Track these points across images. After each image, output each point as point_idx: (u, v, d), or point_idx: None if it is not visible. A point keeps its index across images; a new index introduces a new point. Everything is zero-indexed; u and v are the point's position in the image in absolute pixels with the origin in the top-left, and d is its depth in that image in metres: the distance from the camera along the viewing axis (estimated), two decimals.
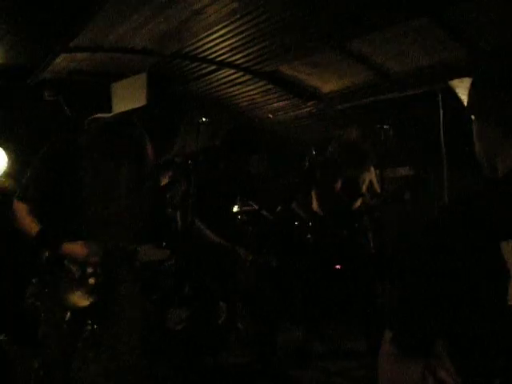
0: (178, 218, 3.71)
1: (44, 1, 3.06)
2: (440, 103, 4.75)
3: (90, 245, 2.61)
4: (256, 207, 4.59)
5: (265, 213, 4.45)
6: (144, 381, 3.00)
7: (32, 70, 4.36)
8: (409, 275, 1.24)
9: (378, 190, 4.73)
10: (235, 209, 4.48)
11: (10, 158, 4.63)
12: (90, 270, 2.61)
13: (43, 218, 2.60)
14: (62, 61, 4.57)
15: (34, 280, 2.69)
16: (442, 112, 4.77)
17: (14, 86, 4.55)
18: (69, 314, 2.60)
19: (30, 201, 2.61)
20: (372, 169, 4.87)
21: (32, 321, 2.71)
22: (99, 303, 2.71)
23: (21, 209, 2.60)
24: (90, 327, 3.80)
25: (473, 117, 1.41)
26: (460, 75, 4.59)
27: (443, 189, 4.82)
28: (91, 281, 2.62)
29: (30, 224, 2.57)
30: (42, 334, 2.66)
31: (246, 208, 4.83)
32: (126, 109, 5.40)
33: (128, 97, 5.32)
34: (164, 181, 4.79)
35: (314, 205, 4.76)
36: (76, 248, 2.58)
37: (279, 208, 4.48)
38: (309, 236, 4.58)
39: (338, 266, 4.46)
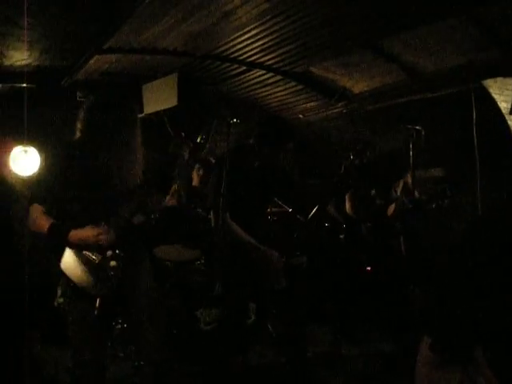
0: (211, 217, 3.72)
1: (78, 4, 3.10)
2: (473, 103, 4.68)
3: (98, 225, 2.68)
4: (287, 209, 4.59)
5: (297, 215, 4.44)
6: (172, 379, 3.01)
7: (66, 71, 4.43)
8: (446, 280, 1.22)
9: (414, 193, 4.67)
10: (267, 210, 4.48)
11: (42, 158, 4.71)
12: (109, 253, 2.68)
13: (56, 215, 2.68)
14: (94, 62, 4.63)
15: (62, 279, 2.74)
16: (475, 112, 4.70)
17: (48, 88, 4.63)
18: (97, 304, 2.64)
19: (43, 202, 2.69)
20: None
21: (63, 320, 2.76)
22: (123, 296, 2.77)
23: (35, 211, 2.69)
24: (119, 326, 3.86)
25: None
26: (494, 75, 4.52)
27: (476, 190, 4.75)
28: (112, 263, 2.68)
29: (43, 222, 2.66)
30: (73, 334, 2.71)
31: (277, 209, 4.83)
32: (157, 109, 5.48)
33: (159, 97, 5.40)
34: (196, 180, 4.83)
35: (348, 208, 4.74)
36: (85, 231, 2.65)
37: (314, 210, 4.46)
38: (341, 236, 4.56)
39: (368, 268, 4.43)
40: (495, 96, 4.80)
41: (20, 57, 4.12)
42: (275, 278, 3.66)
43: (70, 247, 2.67)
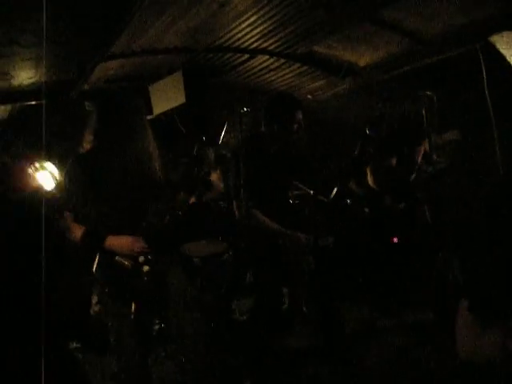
0: (235, 209, 3.73)
1: (76, 17, 3.12)
2: (482, 61, 4.62)
3: (134, 237, 2.72)
4: (308, 191, 4.59)
5: (319, 196, 4.44)
6: (215, 371, 3.06)
7: (73, 83, 4.46)
8: (477, 243, 1.22)
9: (435, 158, 4.64)
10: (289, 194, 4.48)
11: (60, 170, 4.76)
12: (141, 259, 2.73)
13: (87, 222, 2.72)
14: (98, 71, 4.65)
15: (97, 288, 2.79)
16: (484, 70, 4.64)
17: (58, 101, 4.67)
18: (133, 309, 2.69)
19: (73, 210, 2.74)
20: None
21: (101, 328, 2.80)
22: (158, 297, 2.82)
23: (66, 219, 2.74)
24: (157, 326, 3.92)
25: None
26: (499, 30, 4.45)
27: (495, 149, 4.70)
28: (145, 268, 2.73)
29: (75, 230, 2.70)
30: (114, 339, 2.76)
31: (298, 192, 4.83)
32: (167, 109, 5.49)
33: (167, 97, 5.41)
34: (214, 176, 4.85)
35: (370, 181, 4.72)
36: (120, 239, 2.69)
37: (335, 190, 4.45)
38: (366, 210, 4.55)
39: (395, 240, 4.42)
40: (503, 51, 4.72)
41: (27, 75, 4.16)
42: (304, 260, 3.67)
43: (103, 254, 2.71)
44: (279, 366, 3.66)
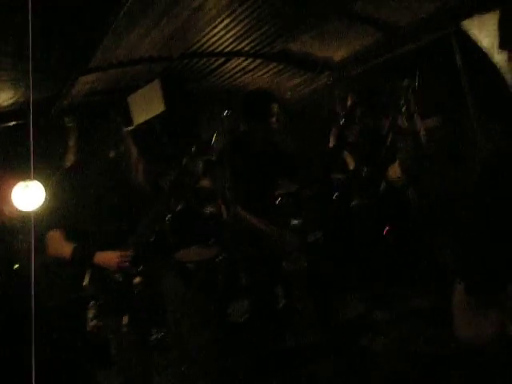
0: (223, 211, 3.75)
1: (52, 37, 3.12)
2: (455, 47, 4.67)
3: (120, 248, 2.73)
4: (294, 187, 4.61)
5: (305, 191, 4.46)
6: (217, 374, 3.07)
7: (53, 100, 4.46)
8: (468, 225, 1.23)
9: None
10: (275, 192, 4.50)
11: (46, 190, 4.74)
12: (132, 271, 2.74)
13: (75, 239, 2.72)
14: (75, 86, 4.64)
15: (91, 303, 2.79)
16: (458, 55, 4.70)
17: (39, 119, 4.65)
18: (126, 321, 2.70)
19: (62, 227, 2.73)
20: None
21: (99, 342, 2.81)
22: (154, 307, 2.82)
23: (55, 237, 2.73)
24: (155, 336, 3.91)
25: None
26: (470, 15, 4.50)
27: (475, 132, 4.76)
28: (137, 280, 2.74)
29: (64, 247, 2.70)
30: (116, 352, 2.76)
31: (284, 189, 4.85)
32: (147, 118, 5.48)
33: (146, 106, 5.40)
34: (205, 182, 4.85)
35: (350, 164, 4.76)
36: (108, 254, 2.70)
37: (318, 183, 4.48)
38: (353, 203, 4.58)
39: (386, 228, 4.45)
40: (476, 35, 4.78)
41: (6, 96, 4.14)
42: (294, 257, 3.69)
43: (93, 269, 2.71)
44: (281, 366, 3.67)
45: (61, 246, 2.73)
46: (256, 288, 3.70)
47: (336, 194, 4.82)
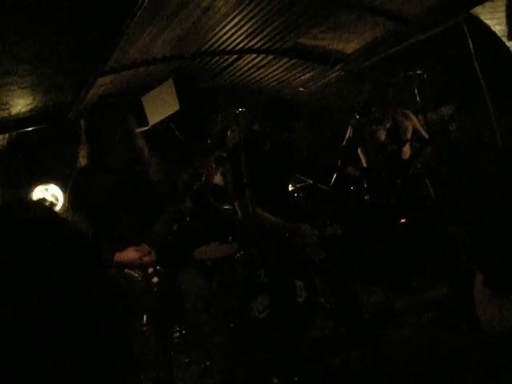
0: (237, 209, 3.76)
1: (66, 42, 3.16)
2: (467, 34, 4.64)
3: (141, 247, 2.76)
4: (309, 182, 4.62)
5: (320, 185, 4.46)
6: (240, 370, 3.09)
7: (70, 104, 4.51)
8: (486, 214, 1.22)
9: (426, 135, 4.67)
10: (290, 187, 4.51)
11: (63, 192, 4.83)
12: (150, 270, 2.77)
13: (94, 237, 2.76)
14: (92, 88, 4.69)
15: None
16: (471, 42, 4.66)
17: (57, 124, 4.72)
18: (145, 320, 2.73)
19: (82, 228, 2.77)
20: (411, 115, 4.82)
21: (122, 342, 2.83)
22: (174, 305, 2.86)
23: None
24: (178, 333, 3.95)
25: None
26: (481, 1, 4.47)
27: (490, 118, 4.73)
28: (155, 279, 2.77)
29: None
30: (139, 351, 2.80)
31: (299, 184, 4.86)
32: (161, 118, 5.52)
33: (160, 106, 5.44)
34: (217, 178, 4.89)
35: (364, 161, 4.75)
36: (129, 254, 2.73)
37: (334, 177, 4.47)
38: (366, 197, 4.58)
39: (403, 220, 4.44)
40: (487, 21, 4.75)
41: (25, 103, 4.20)
42: (312, 251, 3.70)
43: (113, 268, 2.75)
44: (304, 359, 3.69)
45: None
46: (276, 283, 3.72)
47: (351, 187, 4.83)
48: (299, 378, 3.33)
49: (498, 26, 4.72)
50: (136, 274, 2.75)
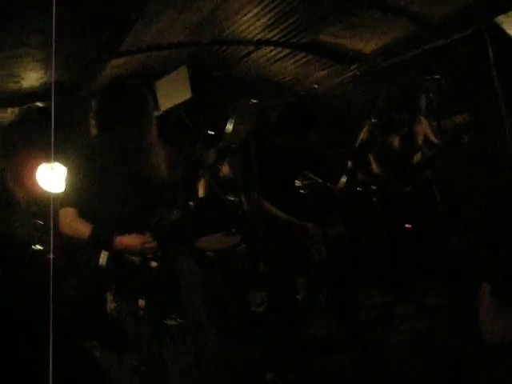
0: (243, 201, 3.73)
1: (87, 13, 3.12)
2: (488, 42, 4.59)
3: (144, 235, 2.72)
4: (318, 180, 4.57)
5: (328, 184, 4.43)
6: (234, 364, 3.07)
7: (83, 82, 4.47)
8: (494, 226, 1.21)
9: (435, 141, 4.62)
10: (298, 183, 4.47)
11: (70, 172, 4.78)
12: (149, 255, 2.73)
13: (91, 219, 2.70)
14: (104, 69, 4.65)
15: (112, 285, 2.79)
16: (491, 51, 4.61)
17: (67, 102, 4.68)
18: (141, 304, 2.69)
19: (76, 205, 2.71)
20: (424, 120, 4.76)
21: (118, 325, 2.81)
22: (171, 293, 2.82)
23: (69, 214, 2.70)
24: (173, 321, 3.92)
25: None
26: (505, 11, 4.41)
27: (504, 130, 4.68)
28: (153, 264, 2.73)
29: (81, 226, 2.67)
30: (133, 334, 2.77)
31: (307, 182, 4.82)
32: (173, 104, 5.49)
33: (172, 92, 5.41)
34: (225, 169, 4.86)
35: (374, 167, 4.71)
36: (131, 239, 2.68)
37: (344, 177, 4.44)
38: (374, 199, 4.54)
39: (408, 226, 4.40)
40: (510, 32, 4.69)
41: (37, 76, 4.15)
42: (315, 249, 3.66)
43: (111, 251, 2.70)
44: (299, 357, 3.67)
45: (77, 224, 2.70)
46: (276, 279, 3.69)
47: (359, 189, 4.79)
48: (294, 375, 3.31)
49: None
50: (135, 258, 2.71)
